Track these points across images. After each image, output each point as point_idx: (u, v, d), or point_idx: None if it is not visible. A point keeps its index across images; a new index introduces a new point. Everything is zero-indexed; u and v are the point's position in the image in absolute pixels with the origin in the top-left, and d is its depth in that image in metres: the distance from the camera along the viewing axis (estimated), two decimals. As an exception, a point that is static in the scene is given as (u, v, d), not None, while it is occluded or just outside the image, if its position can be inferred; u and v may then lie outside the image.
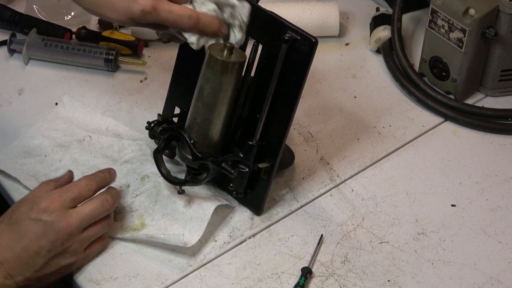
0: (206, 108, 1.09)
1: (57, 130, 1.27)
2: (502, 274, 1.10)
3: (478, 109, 1.33)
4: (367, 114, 1.33)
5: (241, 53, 1.09)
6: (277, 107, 1.10)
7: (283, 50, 1.06)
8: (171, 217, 1.13)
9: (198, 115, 1.09)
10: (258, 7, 1.09)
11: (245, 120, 1.14)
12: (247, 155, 1.11)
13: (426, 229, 1.16)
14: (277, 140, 1.11)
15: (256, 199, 1.16)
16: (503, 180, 1.23)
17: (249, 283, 1.09)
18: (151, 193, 1.17)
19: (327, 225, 1.16)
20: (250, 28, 1.10)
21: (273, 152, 1.11)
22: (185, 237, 1.10)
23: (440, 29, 1.31)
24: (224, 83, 1.07)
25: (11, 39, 1.40)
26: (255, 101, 1.12)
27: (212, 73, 1.07)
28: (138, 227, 1.13)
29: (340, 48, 1.46)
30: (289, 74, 1.08)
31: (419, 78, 1.36)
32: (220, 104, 1.09)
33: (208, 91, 1.08)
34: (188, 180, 1.11)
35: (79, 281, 1.09)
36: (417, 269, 1.11)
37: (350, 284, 1.08)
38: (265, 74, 1.10)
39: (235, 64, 1.07)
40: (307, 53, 1.06)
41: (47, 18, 1.47)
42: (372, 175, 1.23)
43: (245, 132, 1.13)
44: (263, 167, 1.12)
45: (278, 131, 1.10)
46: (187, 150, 1.10)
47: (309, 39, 1.05)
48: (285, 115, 1.09)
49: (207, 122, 1.10)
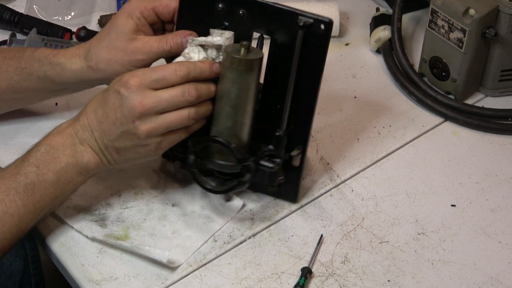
0: (235, 110, 1.08)
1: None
2: (502, 274, 1.10)
3: (478, 109, 1.33)
4: (367, 114, 1.33)
5: (256, 48, 1.10)
6: (299, 93, 1.11)
7: (300, 37, 1.07)
8: (157, 239, 1.12)
9: (228, 120, 1.08)
10: (262, 3, 1.09)
11: (261, 113, 1.13)
12: (277, 146, 1.11)
13: (426, 229, 1.16)
14: (303, 125, 1.12)
15: (290, 187, 1.16)
16: (503, 180, 1.23)
17: (249, 283, 1.09)
18: (141, 210, 1.16)
19: (327, 225, 1.16)
20: (256, 24, 1.10)
21: (301, 137, 1.13)
22: (170, 254, 1.08)
23: (440, 29, 1.31)
24: (249, 81, 1.07)
25: (11, 39, 1.40)
26: (270, 93, 1.12)
27: (237, 74, 1.06)
28: (122, 237, 1.12)
29: (340, 48, 1.46)
30: (307, 58, 1.09)
31: (419, 78, 1.36)
32: (248, 103, 1.09)
33: (236, 93, 1.07)
34: (236, 184, 1.10)
35: (79, 281, 1.09)
36: (417, 269, 1.11)
37: (350, 284, 1.08)
38: (280, 65, 1.10)
39: (257, 61, 1.07)
40: (324, 35, 1.07)
41: (47, 18, 1.47)
42: (372, 175, 1.23)
43: (264, 125, 1.13)
44: (295, 155, 1.13)
45: (303, 115, 1.12)
46: (226, 157, 1.09)
47: (323, 21, 1.07)
48: (309, 99, 1.11)
49: (238, 124, 1.09)
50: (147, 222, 1.14)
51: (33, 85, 1.18)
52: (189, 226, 1.14)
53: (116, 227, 1.13)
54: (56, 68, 1.16)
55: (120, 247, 1.11)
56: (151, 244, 1.11)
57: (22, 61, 1.18)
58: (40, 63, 1.17)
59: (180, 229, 1.13)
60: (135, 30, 1.13)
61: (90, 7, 1.52)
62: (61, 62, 1.16)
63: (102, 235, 1.11)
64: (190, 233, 1.13)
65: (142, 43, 1.13)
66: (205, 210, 1.16)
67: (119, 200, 1.17)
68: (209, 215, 1.15)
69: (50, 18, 1.47)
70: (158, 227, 1.13)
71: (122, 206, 1.16)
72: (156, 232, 1.13)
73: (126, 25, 1.13)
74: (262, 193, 1.19)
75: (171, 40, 1.12)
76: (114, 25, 1.14)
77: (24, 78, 1.18)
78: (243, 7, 1.10)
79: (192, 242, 1.12)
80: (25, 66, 1.17)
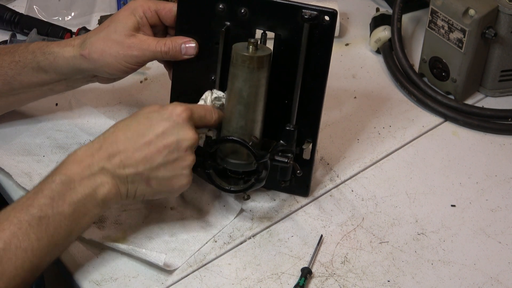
0: (248, 108, 1.08)
1: (60, 131, 1.27)
2: (502, 274, 1.10)
3: (478, 109, 1.33)
4: (367, 114, 1.33)
5: (263, 45, 1.10)
6: (307, 86, 1.11)
7: (306, 29, 1.08)
8: (154, 241, 1.12)
9: (241, 119, 1.09)
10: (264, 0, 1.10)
11: (269, 109, 1.13)
12: (288, 141, 1.12)
13: (426, 229, 1.16)
14: (312, 118, 1.13)
15: (301, 181, 1.17)
16: (503, 180, 1.23)
17: (249, 283, 1.09)
18: (140, 213, 1.16)
19: (327, 225, 1.16)
20: (258, 21, 1.11)
21: (310, 130, 1.14)
22: (167, 257, 1.08)
23: (440, 30, 1.31)
24: (260, 78, 1.08)
25: (11, 39, 1.40)
26: (276, 89, 1.13)
27: (248, 72, 1.07)
28: (119, 239, 1.12)
29: (340, 48, 1.46)
30: (314, 50, 1.09)
31: (419, 78, 1.36)
32: (260, 100, 1.09)
33: (248, 91, 1.07)
34: (254, 182, 1.10)
35: (79, 282, 1.09)
36: (417, 269, 1.11)
37: (350, 284, 1.08)
38: (285, 59, 1.11)
39: (268, 57, 1.08)
40: (329, 26, 1.08)
41: (47, 18, 1.47)
42: (372, 175, 1.23)
43: (271, 121, 1.13)
44: (306, 148, 1.13)
45: (312, 108, 1.13)
46: (239, 156, 1.09)
47: (328, 12, 1.07)
48: (316, 91, 1.12)
49: (252, 122, 1.09)
50: (145, 225, 1.14)
51: (28, 78, 1.18)
52: (187, 229, 1.14)
53: (114, 229, 1.13)
54: (49, 57, 1.16)
55: (117, 249, 1.11)
56: (148, 246, 1.11)
57: (16, 55, 1.18)
58: (33, 55, 1.17)
59: (177, 232, 1.13)
60: (136, 27, 1.14)
61: (90, 7, 1.52)
62: (54, 51, 1.16)
63: (99, 237, 1.11)
64: (187, 237, 1.13)
65: (140, 40, 1.13)
66: (204, 214, 1.16)
67: None
68: (207, 219, 1.15)
69: (50, 19, 1.48)
70: (156, 230, 1.13)
71: (121, 208, 1.16)
72: (154, 235, 1.13)
73: (127, 21, 1.14)
74: (274, 190, 1.19)
75: (170, 43, 1.12)
76: (115, 19, 1.15)
77: (19, 72, 1.17)
78: (245, 6, 1.10)
79: (190, 245, 1.12)
80: (19, 60, 1.17)
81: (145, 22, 1.15)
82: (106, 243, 1.11)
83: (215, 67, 1.13)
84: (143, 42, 1.13)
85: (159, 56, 1.14)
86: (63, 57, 1.16)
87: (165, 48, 1.13)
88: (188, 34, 1.14)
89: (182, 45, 1.13)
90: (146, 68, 1.38)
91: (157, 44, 1.13)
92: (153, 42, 1.13)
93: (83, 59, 1.15)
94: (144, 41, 1.13)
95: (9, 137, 1.26)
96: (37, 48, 1.17)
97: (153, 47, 1.13)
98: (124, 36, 1.13)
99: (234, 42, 1.10)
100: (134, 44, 1.13)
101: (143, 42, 1.13)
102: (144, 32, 1.15)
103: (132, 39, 1.13)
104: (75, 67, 1.16)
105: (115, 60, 1.13)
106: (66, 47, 1.16)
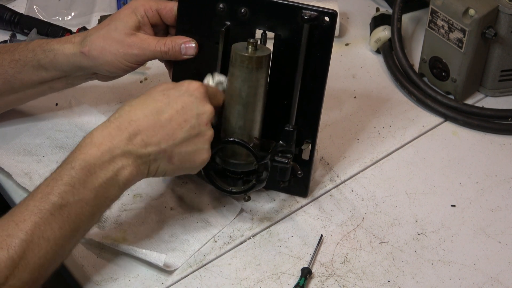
0: (247, 108, 1.08)
1: (60, 131, 1.27)
2: (502, 274, 1.10)
3: (478, 109, 1.33)
4: (367, 114, 1.33)
5: (262, 45, 1.11)
6: (306, 87, 1.11)
7: (306, 30, 1.08)
8: (154, 242, 1.12)
9: (240, 119, 1.09)
10: (264, 0, 1.10)
11: (268, 110, 1.13)
12: (288, 141, 1.12)
13: (426, 229, 1.16)
14: (311, 118, 1.13)
15: (300, 182, 1.17)
16: (503, 180, 1.23)
17: (249, 283, 1.09)
18: (140, 214, 1.15)
19: (327, 225, 1.16)
20: (258, 21, 1.11)
21: (310, 131, 1.14)
22: (167, 257, 1.08)
23: (440, 29, 1.31)
24: (259, 78, 1.08)
25: (11, 39, 1.40)
26: (276, 89, 1.13)
27: (247, 72, 1.07)
28: (119, 239, 1.12)
29: (340, 48, 1.46)
30: (313, 51, 1.10)
31: (419, 78, 1.36)
32: (259, 100, 1.09)
33: (247, 91, 1.07)
34: (255, 183, 1.10)
35: (79, 282, 1.09)
36: (417, 269, 1.11)
37: (350, 284, 1.08)
38: (285, 60, 1.11)
39: (267, 57, 1.08)
40: (329, 27, 1.08)
41: (47, 18, 1.47)
42: (372, 175, 1.23)
43: (270, 121, 1.13)
44: (305, 149, 1.13)
45: (312, 109, 1.13)
46: (239, 157, 1.09)
47: (328, 13, 1.08)
48: (316, 92, 1.12)
49: (251, 123, 1.09)
50: (145, 225, 1.14)
51: (28, 77, 1.18)
52: (186, 230, 1.14)
53: (114, 229, 1.13)
54: (49, 54, 1.16)
55: (117, 249, 1.11)
56: (148, 247, 1.11)
57: (16, 53, 1.18)
58: (33, 53, 1.17)
59: (177, 232, 1.13)
60: (137, 26, 1.14)
61: (90, 7, 1.52)
62: (54, 48, 1.16)
63: (99, 237, 1.11)
64: (187, 237, 1.13)
65: (140, 39, 1.14)
66: (203, 214, 1.16)
67: (117, 202, 1.16)
68: (207, 219, 1.15)
69: (50, 18, 1.48)
70: (156, 230, 1.13)
71: (121, 208, 1.16)
72: (154, 235, 1.13)
73: (128, 20, 1.14)
74: (272, 190, 1.19)
75: (169, 43, 1.12)
76: (116, 18, 1.15)
77: (19, 70, 1.17)
78: (245, 6, 1.10)
79: (189, 246, 1.12)
80: (19, 58, 1.17)
81: (146, 21, 1.15)
82: (106, 243, 1.11)
83: (215, 67, 1.13)
84: (143, 41, 1.13)
85: (158, 56, 1.14)
86: (63, 54, 1.16)
87: (164, 48, 1.13)
88: (189, 33, 1.14)
89: (182, 45, 1.13)
90: (146, 68, 1.38)
91: (157, 43, 1.13)
92: (153, 41, 1.13)
93: (83, 56, 1.15)
94: (144, 40, 1.13)
95: (9, 137, 1.26)
96: (37, 46, 1.17)
97: (153, 46, 1.13)
98: (124, 35, 1.13)
99: (234, 42, 1.10)
100: (134, 43, 1.13)
101: (143, 41, 1.13)
102: (145, 31, 1.15)
103: (132, 38, 1.13)
104: (75, 64, 1.16)
105: (114, 58, 1.14)
106: (66, 44, 1.16)
